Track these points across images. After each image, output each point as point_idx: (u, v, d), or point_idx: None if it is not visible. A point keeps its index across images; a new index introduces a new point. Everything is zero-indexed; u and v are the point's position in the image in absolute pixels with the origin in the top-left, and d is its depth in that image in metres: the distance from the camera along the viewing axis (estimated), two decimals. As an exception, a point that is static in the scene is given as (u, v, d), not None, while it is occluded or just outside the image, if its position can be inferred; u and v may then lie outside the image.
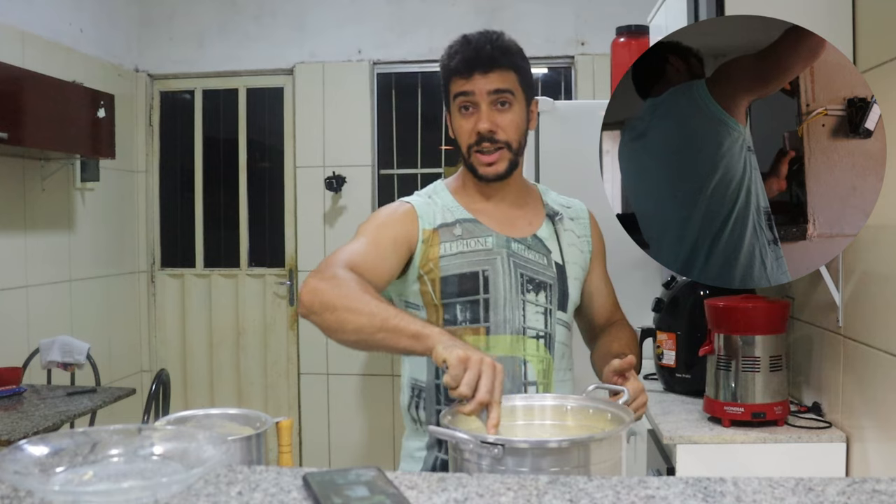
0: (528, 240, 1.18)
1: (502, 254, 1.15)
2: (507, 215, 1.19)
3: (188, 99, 3.53)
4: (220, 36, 3.40)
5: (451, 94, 1.15)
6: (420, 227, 1.15)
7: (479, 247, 1.15)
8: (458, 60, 1.13)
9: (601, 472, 0.83)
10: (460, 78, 1.13)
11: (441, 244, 1.14)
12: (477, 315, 1.13)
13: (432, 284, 1.14)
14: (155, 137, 3.51)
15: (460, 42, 1.15)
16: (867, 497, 0.70)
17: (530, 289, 1.15)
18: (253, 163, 3.50)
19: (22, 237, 2.72)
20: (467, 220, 1.17)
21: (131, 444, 0.72)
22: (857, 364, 1.41)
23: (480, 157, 1.14)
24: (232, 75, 3.44)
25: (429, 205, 1.18)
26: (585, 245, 1.25)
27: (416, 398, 1.18)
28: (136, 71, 3.44)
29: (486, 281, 1.13)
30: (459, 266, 1.14)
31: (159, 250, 3.54)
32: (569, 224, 1.23)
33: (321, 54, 3.36)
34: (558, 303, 1.17)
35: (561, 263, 1.19)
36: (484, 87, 1.12)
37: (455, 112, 1.15)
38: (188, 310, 3.50)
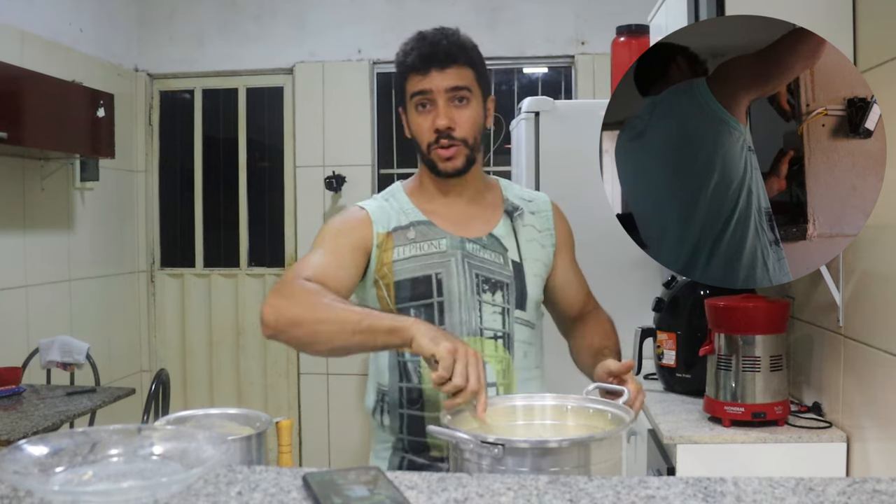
0: (484, 239, 1.16)
1: (456, 255, 1.14)
2: (462, 215, 1.18)
3: (188, 98, 3.53)
4: (220, 35, 3.40)
5: (407, 93, 1.14)
6: (374, 232, 1.14)
7: (432, 249, 1.14)
8: (414, 57, 1.12)
9: (601, 472, 0.83)
10: (417, 75, 1.12)
11: (395, 248, 1.14)
12: (432, 318, 1.12)
13: (387, 289, 1.13)
14: (154, 137, 3.51)
15: (415, 39, 1.14)
16: (867, 497, 0.70)
17: (486, 289, 1.14)
18: (253, 162, 3.50)
19: (21, 237, 2.72)
20: (421, 223, 1.16)
21: (131, 443, 0.72)
22: (857, 364, 1.41)
23: (440, 152, 1.13)
24: (232, 75, 3.44)
25: (384, 208, 1.17)
26: (548, 238, 1.22)
27: (381, 402, 1.18)
28: (136, 70, 3.44)
29: (440, 284, 1.12)
30: (412, 270, 1.13)
31: (159, 250, 3.54)
32: (529, 219, 1.21)
33: (321, 54, 3.35)
34: (516, 302, 1.16)
35: (518, 261, 1.17)
36: (441, 83, 1.11)
37: (412, 110, 1.14)
38: (188, 309, 3.49)
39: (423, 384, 1.13)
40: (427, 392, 1.12)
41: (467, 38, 1.16)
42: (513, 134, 2.64)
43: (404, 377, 1.14)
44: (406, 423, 1.14)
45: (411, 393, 1.14)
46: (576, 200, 2.29)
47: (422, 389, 1.13)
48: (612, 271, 2.17)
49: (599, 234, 1.85)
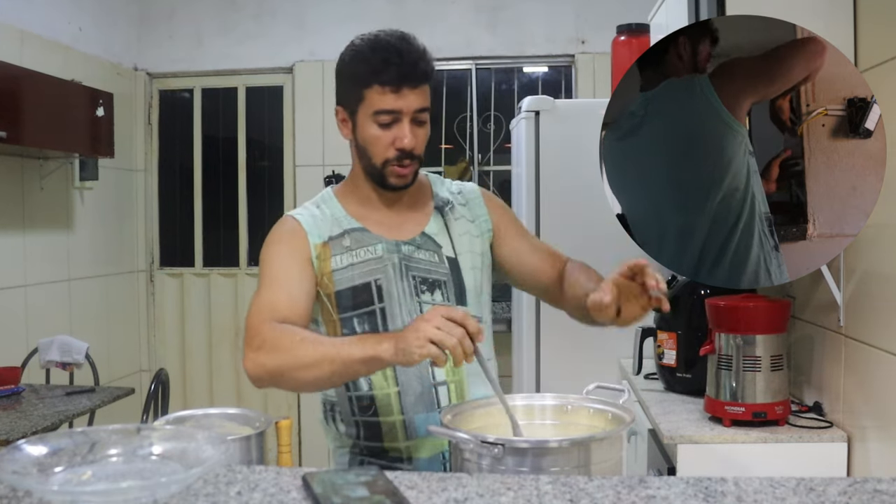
0: (417, 239, 1.15)
1: (393, 259, 1.13)
2: (395, 218, 1.17)
3: (187, 97, 3.52)
4: (220, 34, 3.39)
5: (366, 103, 1.08)
6: (311, 243, 1.13)
7: (369, 256, 1.12)
8: (389, 73, 1.06)
9: (601, 472, 0.83)
10: (386, 91, 1.06)
11: (332, 258, 1.12)
12: (375, 326, 1.11)
13: (328, 299, 1.12)
14: (154, 136, 3.51)
15: (387, 49, 1.07)
16: (868, 497, 0.70)
17: (424, 289, 1.13)
18: (252, 161, 3.50)
19: (21, 236, 2.72)
20: (356, 230, 1.14)
21: (130, 443, 0.72)
22: (858, 364, 1.41)
23: (397, 170, 1.11)
24: (231, 74, 3.44)
25: (316, 217, 1.16)
26: (483, 226, 1.20)
27: (331, 412, 1.18)
28: (136, 69, 3.44)
29: (380, 289, 1.11)
30: (352, 278, 1.11)
31: (158, 249, 3.53)
32: (461, 210, 1.20)
33: (321, 53, 3.35)
34: (456, 298, 1.14)
35: (453, 256, 1.16)
36: (412, 104, 1.08)
37: (369, 122, 1.09)
38: (187, 309, 3.49)
39: (374, 390, 1.12)
40: (379, 398, 1.12)
41: (429, 52, 1.11)
42: (513, 133, 2.64)
43: (352, 386, 1.13)
44: (362, 430, 1.14)
45: (362, 401, 1.13)
46: (576, 200, 2.30)
47: (373, 396, 1.12)
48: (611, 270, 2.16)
49: (599, 233, 1.85)
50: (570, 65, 3.30)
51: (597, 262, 1.68)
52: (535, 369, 2.13)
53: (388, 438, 1.12)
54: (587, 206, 1.77)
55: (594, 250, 2.19)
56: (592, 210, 1.75)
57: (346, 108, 1.13)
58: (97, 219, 3.15)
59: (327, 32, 3.34)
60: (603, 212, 1.54)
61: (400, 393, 1.11)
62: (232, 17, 3.39)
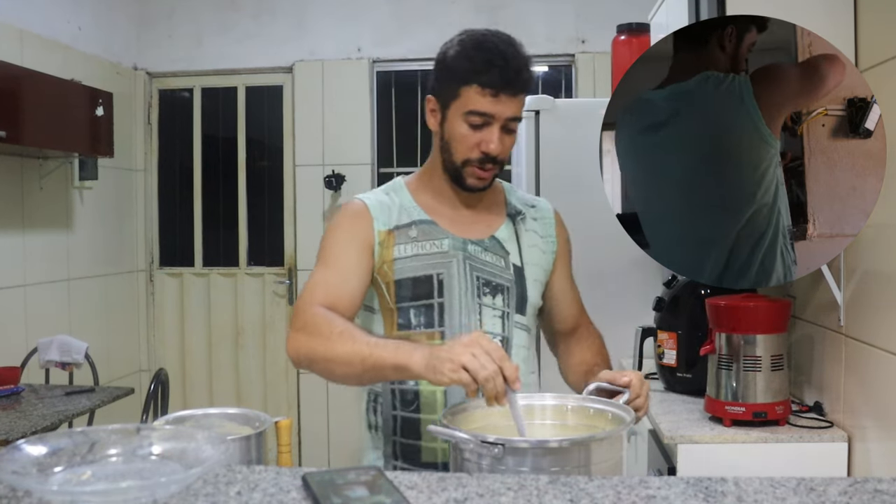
0: (486, 241, 1.15)
1: (458, 256, 1.12)
2: (466, 216, 1.16)
3: (187, 97, 3.52)
4: (219, 34, 3.39)
5: (460, 101, 1.07)
6: (375, 229, 1.12)
7: (434, 249, 1.12)
8: (491, 76, 1.04)
9: (602, 472, 0.82)
10: (487, 95, 1.05)
11: (396, 246, 1.12)
12: (431, 320, 1.11)
13: (387, 288, 1.11)
14: (153, 136, 3.51)
15: (492, 51, 1.06)
16: (869, 497, 0.70)
17: (487, 292, 1.12)
18: (252, 161, 3.49)
19: (20, 236, 2.72)
20: (424, 222, 1.14)
21: (130, 443, 0.72)
22: (858, 363, 1.41)
23: (477, 172, 1.10)
24: (231, 73, 3.43)
25: (384, 203, 1.15)
26: (549, 245, 1.21)
27: (373, 402, 1.17)
28: (135, 69, 3.44)
29: (441, 284, 1.11)
30: (414, 269, 1.11)
31: (158, 249, 3.53)
32: (531, 224, 1.20)
33: (320, 52, 3.35)
34: (516, 306, 1.14)
35: (520, 265, 1.15)
36: (506, 111, 1.07)
37: (459, 120, 1.08)
38: (187, 309, 3.49)
39: (420, 385, 1.11)
40: (424, 394, 1.11)
41: (532, 62, 1.11)
42: (513, 133, 2.63)
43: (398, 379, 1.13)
44: (399, 426, 1.13)
45: (406, 395, 1.12)
46: (576, 199, 2.29)
47: (418, 391, 1.12)
48: (612, 271, 2.17)
49: (599, 233, 1.85)
50: (570, 64, 3.30)
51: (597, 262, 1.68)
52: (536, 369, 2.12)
53: (426, 437, 1.11)
54: (587, 205, 1.77)
55: (594, 250, 2.18)
56: (592, 210, 1.75)
57: (438, 100, 1.12)
58: (97, 218, 3.15)
59: (327, 32, 3.34)
60: (603, 212, 1.54)
61: (447, 392, 1.10)
62: (232, 17, 3.39)
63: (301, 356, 1.02)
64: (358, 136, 3.33)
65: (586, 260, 1.27)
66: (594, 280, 2.25)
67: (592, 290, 1.29)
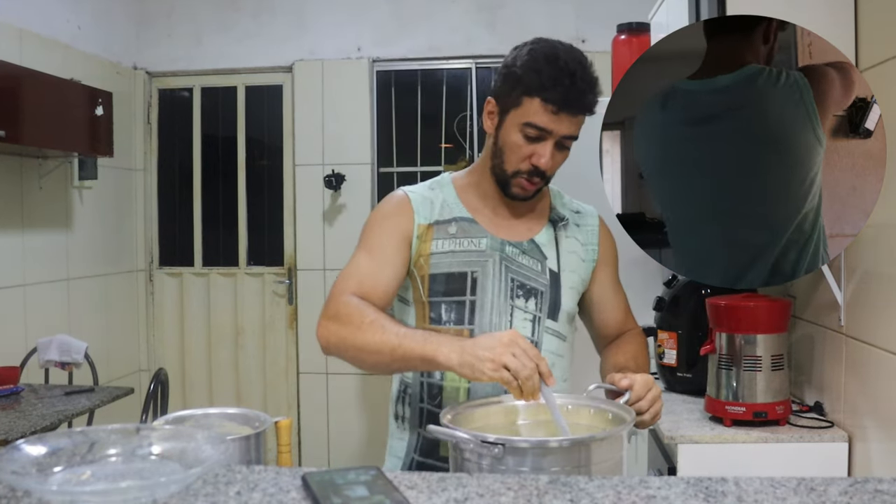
0: (524, 244, 1.15)
1: (495, 257, 1.13)
2: (507, 219, 1.17)
3: (187, 97, 3.52)
4: (219, 33, 3.39)
5: (520, 110, 1.07)
6: (416, 222, 1.13)
7: (471, 247, 1.13)
8: (556, 93, 1.04)
9: (602, 472, 0.82)
10: (548, 111, 1.05)
11: (434, 241, 1.13)
12: (462, 316, 1.11)
13: (421, 281, 1.12)
14: (153, 135, 3.50)
15: (562, 69, 1.04)
16: (869, 497, 0.70)
17: (520, 294, 1.13)
18: (252, 161, 3.49)
19: (20, 236, 2.71)
20: (464, 220, 1.15)
21: (129, 443, 0.72)
22: (859, 363, 1.41)
23: (524, 184, 1.11)
24: (231, 73, 3.43)
25: (427, 198, 1.16)
26: (590, 253, 1.21)
27: (403, 393, 1.17)
28: (135, 68, 3.43)
29: (475, 283, 1.11)
30: (449, 265, 1.12)
31: (157, 249, 3.53)
32: (573, 231, 1.20)
33: (320, 52, 3.35)
34: (548, 311, 1.14)
35: (556, 271, 1.16)
36: (564, 130, 1.07)
37: (514, 129, 1.08)
38: (187, 309, 3.49)
39: (445, 381, 1.12)
40: (447, 389, 1.12)
41: (599, 83, 1.09)
42: (513, 133, 2.63)
43: (427, 372, 1.13)
44: (424, 419, 1.14)
45: (432, 388, 1.13)
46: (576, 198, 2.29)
47: (442, 386, 1.12)
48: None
49: (599, 232, 1.84)
50: (569, 64, 3.29)
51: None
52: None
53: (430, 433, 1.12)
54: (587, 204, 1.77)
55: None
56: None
57: (498, 104, 1.12)
58: (96, 218, 3.14)
59: (327, 31, 3.34)
60: (603, 211, 1.53)
61: (470, 389, 1.11)
62: (231, 16, 3.38)
63: (331, 344, 1.04)
64: (358, 136, 3.33)
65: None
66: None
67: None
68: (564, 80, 1.05)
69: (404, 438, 1.17)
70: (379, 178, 3.39)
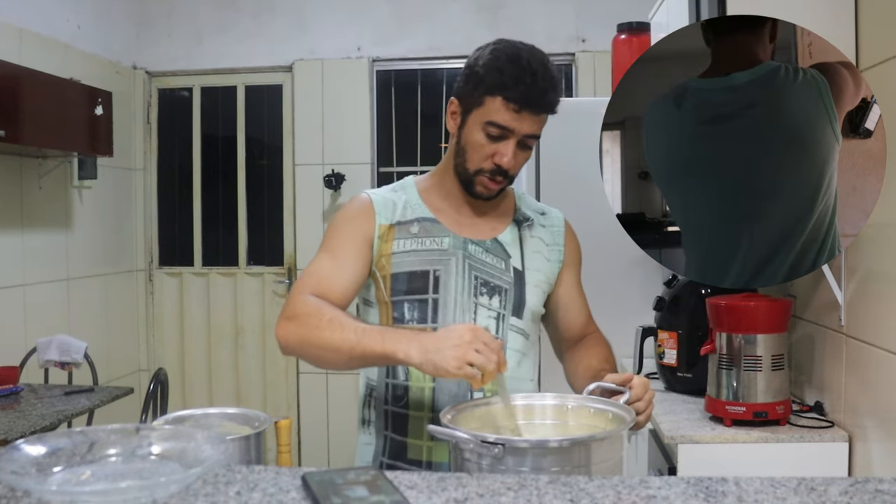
0: (487, 243, 1.15)
1: (457, 255, 1.12)
2: (471, 218, 1.17)
3: (186, 96, 3.52)
4: (219, 33, 3.39)
5: (481, 109, 1.08)
6: (377, 223, 1.13)
7: (434, 246, 1.12)
8: (517, 92, 1.04)
9: (602, 472, 0.82)
10: (509, 110, 1.05)
11: (395, 240, 1.13)
12: (425, 315, 1.11)
13: (383, 281, 1.12)
14: (153, 135, 3.50)
15: (524, 68, 1.05)
16: (870, 497, 0.70)
17: (483, 292, 1.12)
18: (251, 160, 3.49)
19: (19, 235, 2.71)
20: (426, 219, 1.14)
21: (129, 443, 0.71)
22: (859, 363, 1.41)
23: (487, 182, 1.11)
24: (230, 72, 3.43)
25: (389, 199, 1.16)
26: (555, 254, 1.20)
27: (369, 396, 1.17)
28: (134, 68, 3.43)
29: (437, 281, 1.11)
30: (411, 264, 1.12)
31: (157, 249, 3.53)
32: (538, 231, 1.20)
33: (320, 51, 3.35)
34: (513, 309, 1.14)
35: (520, 269, 1.15)
36: (526, 128, 1.07)
37: (476, 128, 1.09)
38: (186, 308, 3.49)
39: (410, 381, 1.12)
40: (413, 390, 1.12)
41: (561, 84, 1.10)
42: (513, 132, 2.63)
43: (391, 373, 1.13)
44: (391, 421, 1.14)
45: (397, 389, 1.13)
46: (576, 199, 2.29)
47: (407, 387, 1.12)
48: (612, 270, 2.16)
49: (600, 232, 1.84)
50: (570, 63, 3.30)
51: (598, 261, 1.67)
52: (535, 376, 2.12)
53: (412, 434, 1.12)
54: (587, 204, 1.77)
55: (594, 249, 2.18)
56: (592, 209, 1.75)
57: (461, 104, 1.13)
58: (96, 218, 3.14)
59: (327, 31, 3.33)
60: (603, 211, 1.54)
61: (435, 389, 1.11)
62: (231, 16, 3.38)
63: (290, 343, 1.04)
64: (358, 136, 3.33)
65: (586, 259, 1.27)
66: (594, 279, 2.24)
67: (592, 289, 1.29)
68: (526, 78, 1.05)
69: (371, 443, 1.16)
70: (379, 177, 3.39)
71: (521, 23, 3.22)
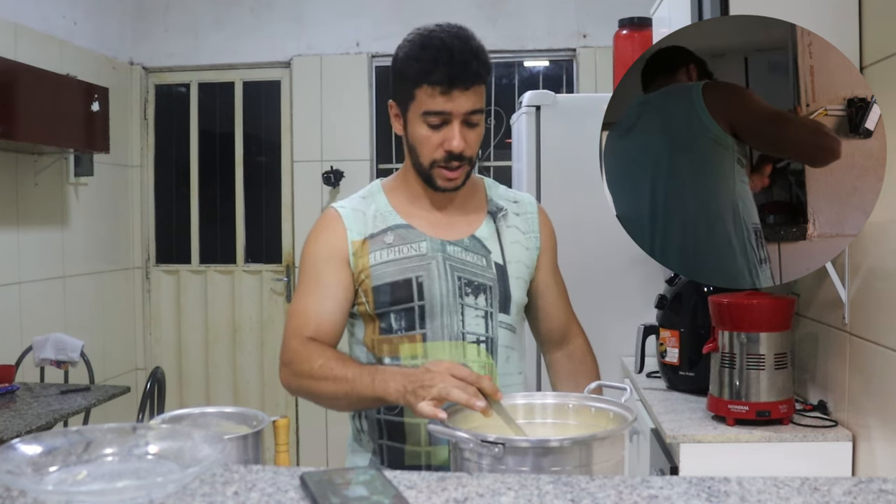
0: (466, 241, 1.13)
1: (437, 258, 1.11)
2: (445, 218, 1.15)
3: (183, 92, 3.50)
4: (216, 28, 3.37)
5: (416, 102, 1.07)
6: (349, 239, 1.12)
7: (412, 252, 1.11)
8: (439, 74, 1.04)
9: (603, 472, 0.82)
10: (439, 94, 1.04)
11: (371, 253, 1.11)
12: (412, 323, 1.10)
13: (365, 295, 1.11)
14: (150, 131, 3.49)
15: (438, 49, 1.05)
16: (874, 497, 0.69)
17: (469, 292, 1.11)
18: (249, 157, 3.48)
19: (15, 233, 2.70)
20: (400, 227, 1.12)
21: (126, 443, 0.71)
22: (863, 362, 1.40)
23: (445, 173, 1.09)
24: (228, 68, 3.42)
25: (359, 211, 1.14)
26: (532, 241, 1.19)
27: None
28: (131, 64, 3.42)
29: (421, 287, 1.10)
30: (392, 274, 1.10)
31: (154, 246, 3.51)
32: (513, 220, 1.18)
33: (319, 47, 3.33)
34: (500, 305, 1.13)
35: (502, 263, 1.14)
36: (463, 106, 1.05)
37: (418, 122, 1.08)
38: (183, 306, 3.48)
39: None
40: None
41: (485, 50, 1.10)
42: (513, 128, 2.63)
43: None
44: (385, 429, 1.13)
45: None
46: (577, 196, 2.29)
47: None
48: (614, 268, 2.16)
49: (601, 230, 1.84)
50: (571, 59, 3.29)
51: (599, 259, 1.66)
52: (536, 368, 2.12)
53: (410, 440, 1.11)
54: (588, 202, 1.77)
55: (595, 246, 2.17)
56: (594, 206, 1.74)
57: (398, 105, 1.12)
58: (92, 215, 3.13)
59: (325, 26, 3.32)
60: (604, 209, 1.52)
61: None
62: (228, 11, 3.37)
63: (293, 389, 1.09)
64: (356, 132, 3.32)
65: (587, 256, 1.27)
66: (595, 277, 2.24)
67: (593, 287, 1.29)
68: (443, 57, 1.04)
69: (367, 452, 1.16)
70: (378, 174, 3.38)
71: (521, 18, 3.21)
